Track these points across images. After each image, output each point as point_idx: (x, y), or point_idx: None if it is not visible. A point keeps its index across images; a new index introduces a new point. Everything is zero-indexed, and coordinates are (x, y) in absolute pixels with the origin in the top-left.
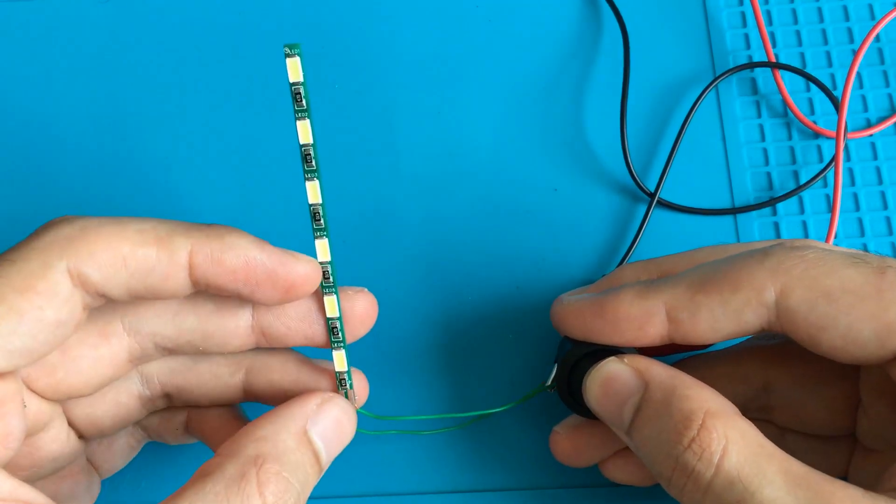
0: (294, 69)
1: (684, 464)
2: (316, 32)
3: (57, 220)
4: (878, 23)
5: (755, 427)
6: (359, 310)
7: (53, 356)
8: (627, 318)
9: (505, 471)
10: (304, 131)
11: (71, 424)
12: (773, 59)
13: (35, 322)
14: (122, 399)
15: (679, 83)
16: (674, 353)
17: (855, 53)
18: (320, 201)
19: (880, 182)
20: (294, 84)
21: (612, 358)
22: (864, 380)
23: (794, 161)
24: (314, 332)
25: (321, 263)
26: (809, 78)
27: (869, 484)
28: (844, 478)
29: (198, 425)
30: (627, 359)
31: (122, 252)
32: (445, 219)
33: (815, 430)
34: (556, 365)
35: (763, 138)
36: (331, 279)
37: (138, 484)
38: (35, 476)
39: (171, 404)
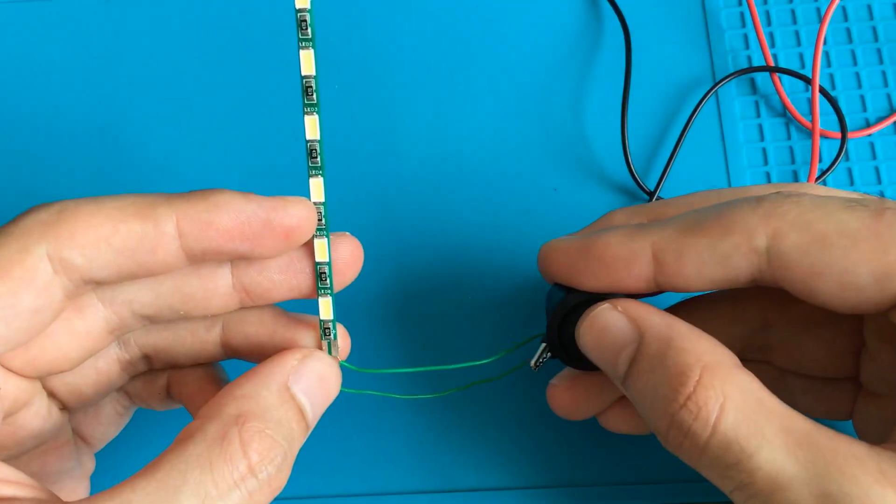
0: None
1: (680, 422)
2: (316, 32)
3: (35, 207)
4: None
5: (756, 380)
6: (345, 253)
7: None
8: (614, 258)
9: (505, 471)
10: (308, 62)
11: (52, 396)
12: (771, 60)
13: (9, 309)
14: (102, 365)
15: (678, 83)
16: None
17: (819, 27)
18: (318, 137)
19: (879, 182)
20: (300, 11)
21: (605, 304)
22: (868, 324)
23: (793, 161)
24: (300, 281)
25: (315, 204)
26: (807, 80)
27: (875, 430)
28: (849, 421)
29: (178, 389)
30: (622, 305)
31: (104, 230)
32: (445, 218)
33: (815, 372)
34: (541, 345)
35: (762, 138)
36: (323, 221)
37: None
38: (18, 454)
39: (151, 366)
